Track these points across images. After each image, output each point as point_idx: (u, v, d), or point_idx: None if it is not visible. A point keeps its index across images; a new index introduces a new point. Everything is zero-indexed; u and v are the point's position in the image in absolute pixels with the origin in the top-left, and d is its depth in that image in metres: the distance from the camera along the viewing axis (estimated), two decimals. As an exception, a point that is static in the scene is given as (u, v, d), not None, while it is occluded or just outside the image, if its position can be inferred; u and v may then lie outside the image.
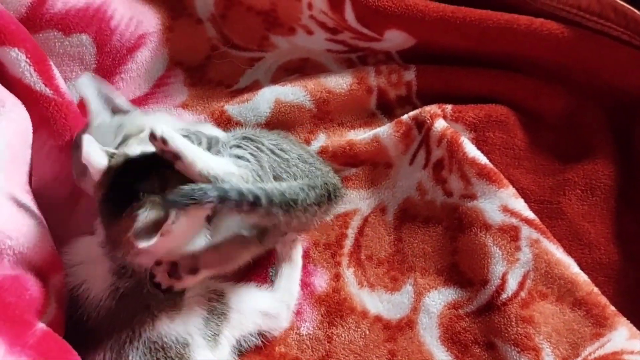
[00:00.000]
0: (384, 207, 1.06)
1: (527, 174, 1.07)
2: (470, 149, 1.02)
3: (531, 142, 1.11)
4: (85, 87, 0.89)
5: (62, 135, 0.95)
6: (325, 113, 1.13)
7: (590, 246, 0.98)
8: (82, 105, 1.08)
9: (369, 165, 1.10)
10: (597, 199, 1.03)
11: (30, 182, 0.85)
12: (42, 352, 0.61)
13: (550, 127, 1.13)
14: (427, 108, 1.09)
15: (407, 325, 0.92)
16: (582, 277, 0.90)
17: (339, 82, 1.14)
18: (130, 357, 0.72)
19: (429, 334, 0.91)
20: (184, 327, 0.76)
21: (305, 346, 0.90)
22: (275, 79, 1.17)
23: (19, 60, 0.92)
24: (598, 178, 1.05)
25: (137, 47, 1.16)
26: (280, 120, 1.10)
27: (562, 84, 1.14)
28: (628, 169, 1.06)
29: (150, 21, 1.17)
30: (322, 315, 0.91)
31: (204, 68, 1.18)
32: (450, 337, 0.90)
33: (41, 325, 0.66)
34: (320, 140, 1.11)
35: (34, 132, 0.91)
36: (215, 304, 0.81)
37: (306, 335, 0.91)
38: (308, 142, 1.11)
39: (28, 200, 0.79)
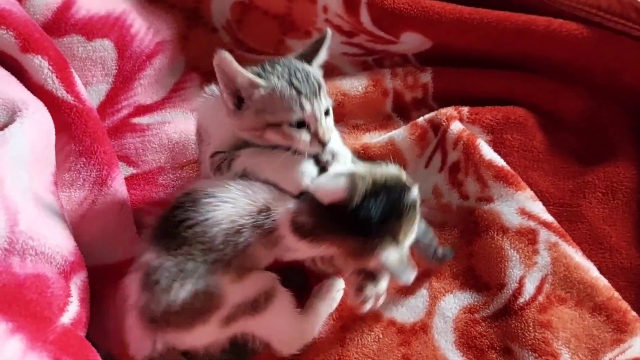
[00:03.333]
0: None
1: (546, 176, 1.06)
2: (487, 151, 1.01)
3: (550, 144, 1.09)
4: None
5: (82, 140, 0.98)
6: (340, 115, 1.13)
7: (611, 250, 0.96)
8: (101, 109, 1.11)
9: (384, 169, 1.09)
10: (619, 202, 1.01)
11: (55, 182, 0.87)
12: (62, 348, 0.62)
13: (570, 129, 1.11)
14: (443, 110, 1.08)
15: (421, 329, 0.91)
16: (602, 282, 0.88)
17: (354, 85, 1.14)
18: None
19: (444, 338, 0.90)
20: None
21: (318, 350, 0.89)
22: (291, 83, 1.17)
23: (42, 67, 0.94)
24: (619, 180, 1.02)
25: (155, 54, 1.18)
26: (296, 123, 1.11)
27: (582, 85, 1.12)
28: (651, 171, 1.04)
29: (167, 30, 1.20)
30: (334, 319, 0.91)
31: (220, 72, 1.19)
32: (466, 342, 0.89)
33: (62, 322, 0.68)
34: (336, 142, 1.11)
35: (55, 136, 0.94)
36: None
37: (319, 339, 0.90)
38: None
39: (52, 200, 0.81)
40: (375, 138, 1.11)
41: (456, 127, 1.05)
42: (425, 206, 1.03)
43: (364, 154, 1.07)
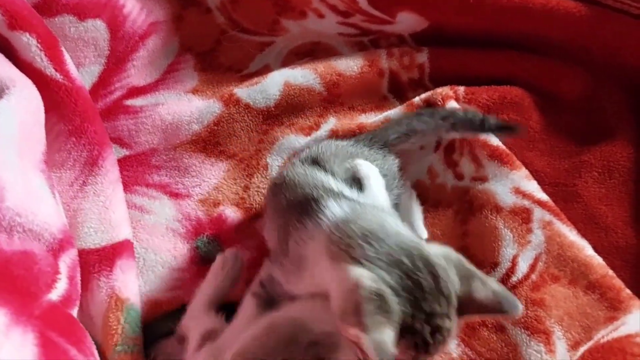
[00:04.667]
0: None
1: (542, 156, 1.05)
2: (482, 131, 1.00)
3: (547, 124, 1.08)
4: None
5: (72, 120, 0.97)
6: (335, 96, 1.12)
7: (606, 229, 0.96)
8: (94, 91, 1.10)
9: (379, 149, 1.08)
10: (615, 182, 1.00)
11: (45, 161, 0.86)
12: (48, 323, 0.62)
13: (567, 108, 1.10)
14: (439, 90, 1.07)
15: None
16: (597, 260, 0.87)
17: (350, 65, 1.12)
18: None
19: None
20: None
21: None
22: (286, 63, 1.16)
23: (30, 45, 0.93)
24: (616, 160, 1.02)
25: (149, 35, 1.17)
26: (290, 104, 1.10)
27: (580, 64, 1.10)
28: (649, 151, 1.03)
29: (160, 10, 1.19)
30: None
31: (214, 53, 1.18)
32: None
33: (48, 298, 0.67)
34: (330, 123, 1.10)
35: (45, 115, 0.93)
36: None
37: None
38: (318, 125, 1.10)
39: (42, 178, 0.80)
40: (371, 118, 1.10)
41: (452, 105, 1.04)
42: (420, 187, 1.03)
43: (359, 134, 1.06)
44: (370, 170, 0.83)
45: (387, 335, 0.54)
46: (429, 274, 0.58)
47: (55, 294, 0.70)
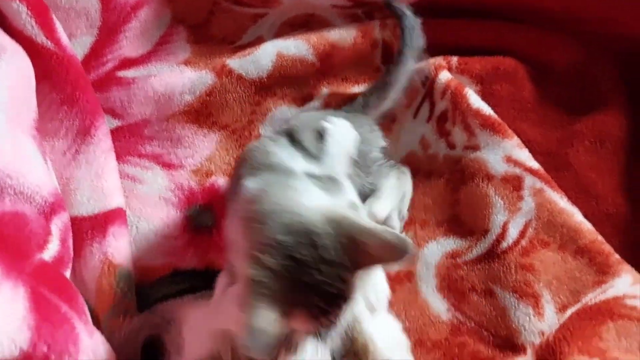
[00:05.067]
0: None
1: (534, 126, 1.05)
2: (475, 100, 1.00)
3: (539, 95, 1.08)
4: None
5: (63, 88, 0.97)
6: (328, 67, 1.12)
7: (597, 198, 0.96)
8: (86, 62, 1.10)
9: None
10: (607, 151, 1.00)
11: (37, 129, 0.86)
12: (40, 280, 0.62)
13: (560, 79, 1.09)
14: (432, 60, 1.07)
15: (405, 277, 0.92)
16: (586, 226, 0.88)
17: (343, 36, 1.12)
18: None
19: (426, 284, 0.90)
20: None
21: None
22: (279, 35, 1.16)
23: (20, 12, 0.92)
24: (608, 130, 1.02)
25: (141, 6, 1.16)
26: (283, 75, 1.10)
27: (573, 35, 1.10)
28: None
29: (152, -20, 1.17)
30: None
31: (206, 25, 1.17)
32: (447, 285, 0.89)
33: (40, 257, 0.68)
34: (323, 94, 1.10)
35: (37, 85, 0.93)
36: None
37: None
38: (311, 96, 1.10)
39: (32, 143, 0.80)
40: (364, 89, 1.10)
41: (444, 76, 1.04)
42: (412, 158, 1.03)
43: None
44: (337, 125, 0.83)
45: (265, 319, 0.55)
46: (309, 247, 0.59)
47: (47, 255, 0.71)
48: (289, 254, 0.59)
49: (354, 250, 0.60)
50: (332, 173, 0.77)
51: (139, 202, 1.00)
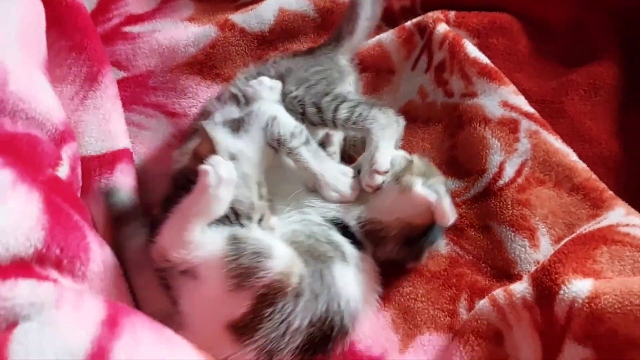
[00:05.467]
0: (385, 111, 1.07)
1: (530, 77, 1.07)
2: (472, 50, 1.02)
3: (535, 48, 1.11)
4: None
5: (72, 36, 0.99)
6: (329, 23, 1.14)
7: (591, 141, 0.99)
8: (92, 17, 1.12)
9: (372, 72, 1.11)
10: (600, 99, 1.03)
11: (46, 68, 0.88)
12: (53, 189, 0.64)
13: (555, 33, 1.12)
14: (430, 14, 1.09)
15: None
16: (581, 165, 0.90)
17: (343, -8, 1.14)
18: None
19: (427, 222, 0.92)
20: None
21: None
22: (281, -5, 1.18)
23: (29, -42, 0.94)
24: (602, 79, 1.04)
25: (146, -36, 1.18)
26: (284, 29, 1.12)
27: (568, -8, 1.13)
28: (634, 72, 1.05)
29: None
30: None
31: (210, -17, 1.20)
32: (447, 223, 0.91)
33: (52, 172, 0.70)
34: (324, 48, 1.12)
35: (46, 31, 0.95)
36: None
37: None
38: (312, 51, 1.12)
39: (43, 77, 0.82)
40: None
41: (442, 28, 1.06)
42: (411, 106, 1.06)
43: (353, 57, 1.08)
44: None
45: None
46: None
47: (59, 173, 0.73)
48: None
49: None
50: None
51: (144, 146, 1.02)
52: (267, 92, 0.88)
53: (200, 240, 0.68)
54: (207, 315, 0.68)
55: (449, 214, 0.78)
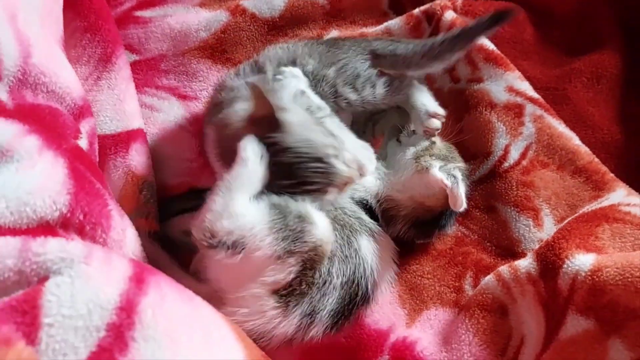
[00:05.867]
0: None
1: (535, 65, 1.10)
2: (478, 36, 1.05)
3: (540, 37, 1.13)
4: None
5: (87, 16, 1.00)
6: (338, 10, 1.16)
7: (593, 127, 1.01)
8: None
9: (380, 59, 1.13)
10: (603, 87, 1.05)
11: (64, 46, 0.90)
12: (76, 157, 0.66)
13: (559, 23, 1.15)
14: (438, 1, 1.11)
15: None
16: (584, 149, 0.93)
17: (352, -20, 1.17)
18: None
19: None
20: None
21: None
22: (291, -18, 1.20)
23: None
24: (604, 67, 1.07)
25: (158, -50, 1.20)
26: (294, 15, 1.14)
27: (573, -17, 1.15)
28: (636, 60, 1.08)
29: None
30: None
31: (222, -30, 1.21)
32: (453, 204, 0.94)
33: (74, 142, 0.72)
34: (333, 35, 1.14)
35: (63, 12, 0.97)
36: None
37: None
38: (320, 37, 1.14)
39: (62, 53, 0.84)
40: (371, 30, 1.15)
41: (449, 15, 1.08)
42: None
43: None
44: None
45: None
46: None
47: (79, 144, 0.75)
48: None
49: None
50: None
51: (156, 128, 1.04)
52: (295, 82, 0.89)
53: (247, 211, 0.70)
54: (253, 286, 0.70)
55: (462, 200, 0.80)
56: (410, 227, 0.86)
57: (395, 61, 0.96)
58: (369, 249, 0.79)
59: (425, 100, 0.92)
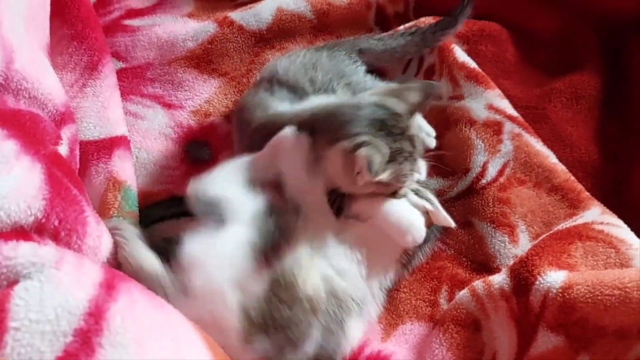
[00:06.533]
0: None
1: (516, 84, 1.12)
2: (460, 54, 1.07)
3: (521, 57, 1.16)
4: None
5: (74, 24, 1.01)
6: (325, 25, 1.18)
7: (571, 146, 1.03)
8: (98, 5, 1.15)
9: (364, 74, 1.14)
10: (581, 107, 1.08)
11: (48, 51, 0.91)
12: (54, 163, 0.66)
13: (541, 44, 1.17)
14: (422, 19, 1.14)
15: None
16: (560, 167, 0.94)
17: (340, -4, 1.19)
18: None
19: (412, 218, 0.96)
20: None
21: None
22: (278, -3, 1.22)
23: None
24: (583, 88, 1.09)
25: (149, -40, 1.22)
26: (281, 29, 1.16)
27: (556, 7, 1.18)
28: (614, 82, 1.10)
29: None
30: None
31: (210, -17, 1.23)
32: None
33: (53, 148, 0.72)
34: (319, 49, 1.16)
35: (49, 19, 0.97)
36: None
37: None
38: (307, 51, 1.16)
39: (46, 59, 0.85)
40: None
41: (432, 31, 1.10)
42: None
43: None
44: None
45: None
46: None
47: (60, 151, 0.75)
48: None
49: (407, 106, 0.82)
50: None
51: (140, 135, 1.04)
52: None
53: None
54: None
55: (448, 217, 0.83)
56: None
57: (390, 55, 1.05)
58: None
59: (420, 121, 0.95)
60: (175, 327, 0.57)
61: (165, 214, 0.93)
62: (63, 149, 0.76)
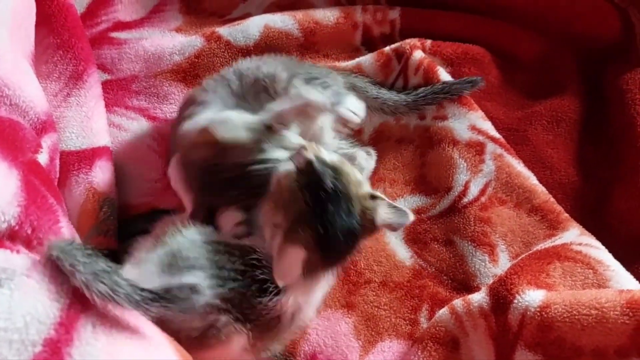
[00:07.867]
0: (360, 129, 1.11)
1: (498, 106, 1.13)
2: (445, 76, 1.08)
3: (504, 80, 1.18)
4: None
5: (60, 34, 1.02)
6: (311, 43, 1.19)
7: (552, 168, 1.04)
8: (85, 17, 1.16)
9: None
10: (562, 130, 1.09)
11: (32, 60, 0.90)
12: (32, 171, 0.65)
13: (523, 68, 1.19)
14: (408, 40, 1.15)
15: (375, 229, 0.97)
16: (540, 188, 0.96)
17: (327, 15, 1.20)
18: None
19: (394, 235, 0.96)
20: None
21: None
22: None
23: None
24: (564, 112, 1.11)
25: (138, -26, 1.23)
26: (269, 45, 1.17)
27: (539, 31, 1.21)
28: (594, 106, 1.13)
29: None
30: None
31: (199, -1, 1.25)
32: (412, 238, 0.95)
33: (32, 156, 0.71)
34: (306, 66, 1.17)
35: (35, 27, 0.97)
36: None
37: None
38: (293, 68, 1.17)
39: (29, 67, 0.84)
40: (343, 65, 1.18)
41: (418, 54, 1.12)
42: (385, 127, 1.10)
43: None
44: None
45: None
46: None
47: (38, 159, 0.74)
48: None
49: None
50: None
51: (123, 147, 1.04)
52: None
53: None
54: None
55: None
56: None
57: (380, 104, 1.07)
58: None
59: None
60: (148, 337, 0.56)
61: (145, 227, 0.91)
62: (43, 158, 0.76)
